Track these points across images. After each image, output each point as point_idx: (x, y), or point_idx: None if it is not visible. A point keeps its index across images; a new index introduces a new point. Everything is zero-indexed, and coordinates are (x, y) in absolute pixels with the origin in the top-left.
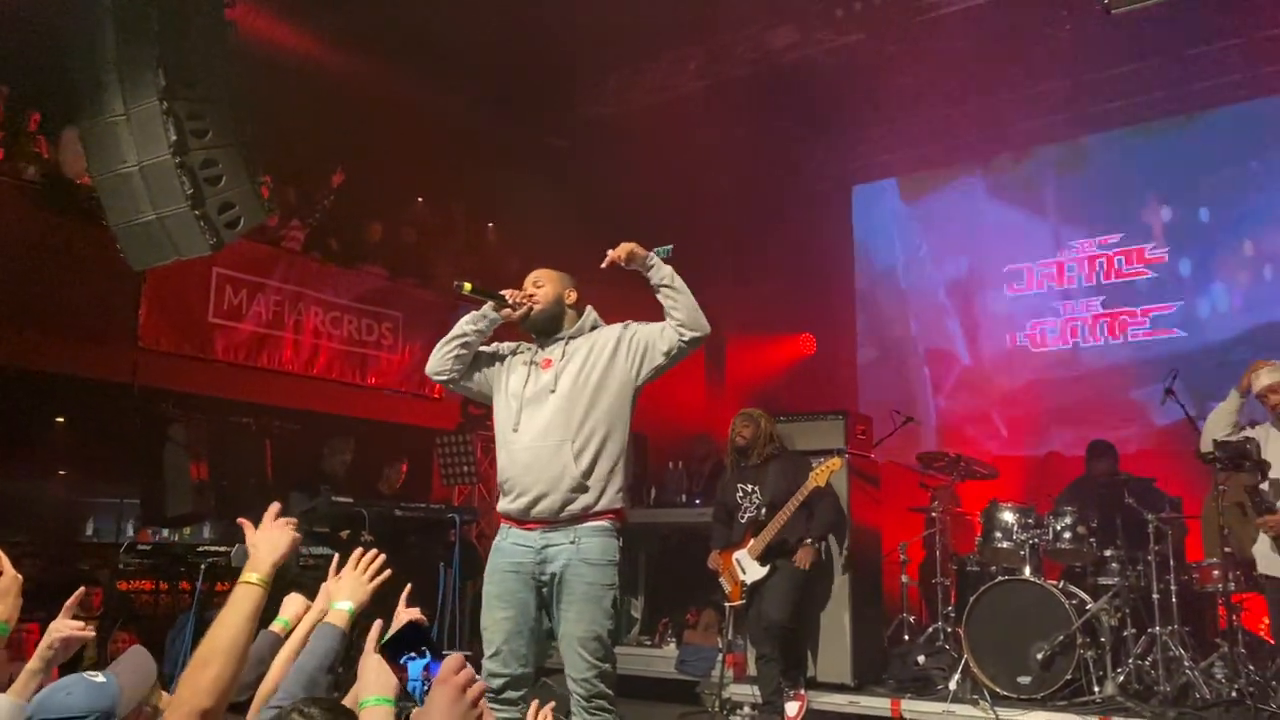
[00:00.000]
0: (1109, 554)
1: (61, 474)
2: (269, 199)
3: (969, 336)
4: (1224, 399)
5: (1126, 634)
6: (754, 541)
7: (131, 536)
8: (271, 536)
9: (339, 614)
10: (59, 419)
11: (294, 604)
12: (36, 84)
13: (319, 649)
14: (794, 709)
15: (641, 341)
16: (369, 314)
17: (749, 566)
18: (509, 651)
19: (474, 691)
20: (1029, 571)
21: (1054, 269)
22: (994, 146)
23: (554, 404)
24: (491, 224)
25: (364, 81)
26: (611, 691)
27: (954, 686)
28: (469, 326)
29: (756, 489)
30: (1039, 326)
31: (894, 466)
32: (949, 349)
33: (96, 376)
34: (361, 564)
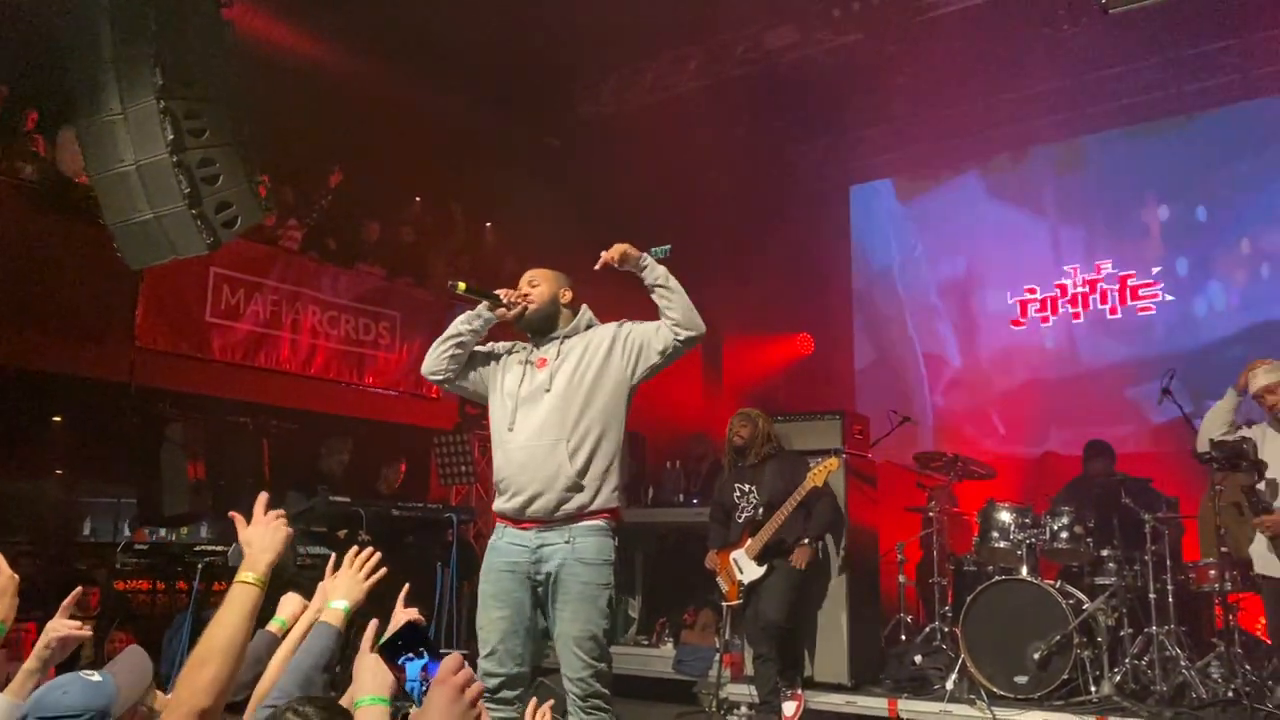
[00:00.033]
0: (1106, 554)
1: (59, 473)
2: (266, 198)
3: (966, 335)
4: (1221, 397)
5: (1123, 634)
6: (751, 541)
7: (128, 536)
8: (264, 534)
9: (334, 613)
10: (56, 418)
11: (291, 603)
12: (34, 83)
13: (314, 648)
14: (791, 709)
15: (637, 340)
16: (366, 313)
17: (746, 566)
18: (504, 651)
19: (472, 692)
20: (1026, 571)
21: (1051, 268)
22: (992, 147)
23: (549, 403)
24: (489, 224)
25: (362, 81)
26: (607, 691)
27: (951, 686)
28: (464, 326)
29: (754, 489)
30: (1036, 325)
31: (891, 466)
32: (946, 348)
33: (94, 376)
34: (357, 562)
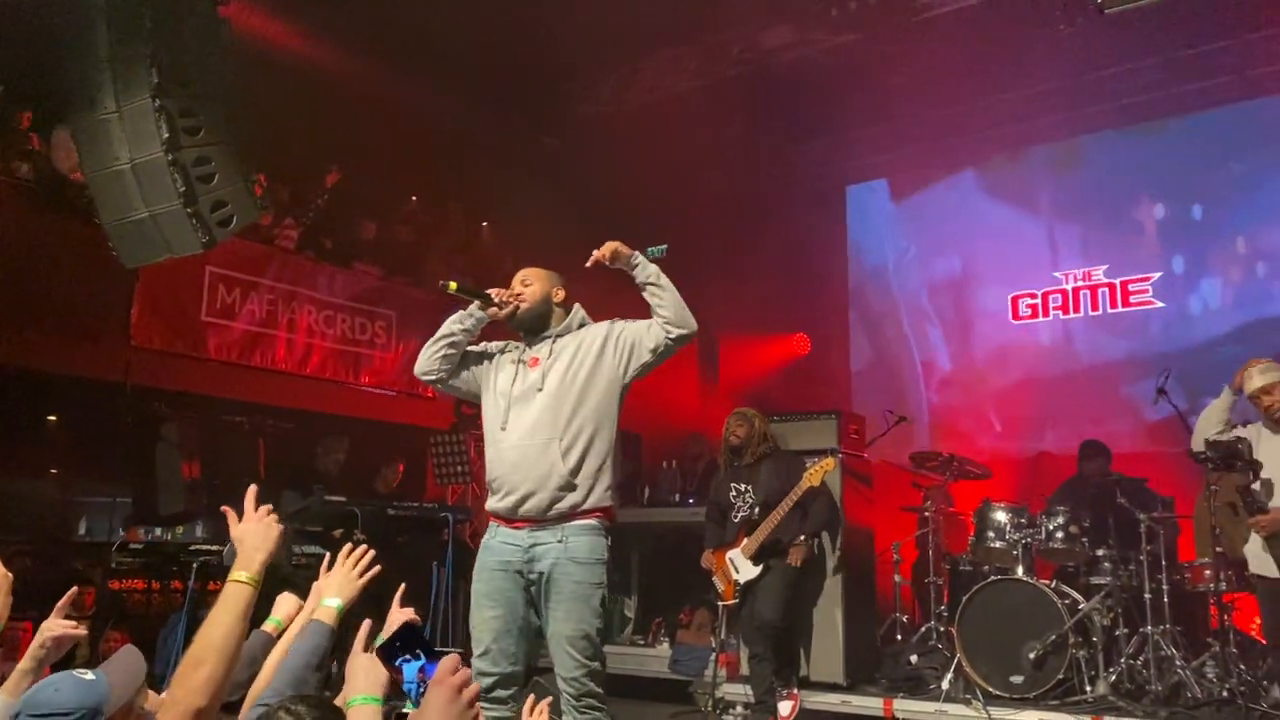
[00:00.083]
0: (1101, 554)
1: (54, 473)
2: (262, 197)
3: (962, 334)
4: (1216, 394)
5: (1118, 633)
6: (747, 541)
7: (123, 535)
8: (256, 532)
9: (327, 611)
10: (51, 417)
11: (287, 603)
12: (29, 81)
13: (306, 646)
14: (787, 708)
15: (629, 339)
16: (362, 313)
17: (742, 566)
18: (498, 650)
19: (469, 693)
20: (1021, 571)
21: (1048, 266)
22: (989, 146)
23: (541, 402)
24: (486, 223)
25: (359, 80)
26: (601, 690)
27: (946, 686)
28: (456, 326)
29: (750, 488)
30: (1032, 323)
31: (887, 466)
32: (943, 346)
33: (89, 375)
34: (350, 560)
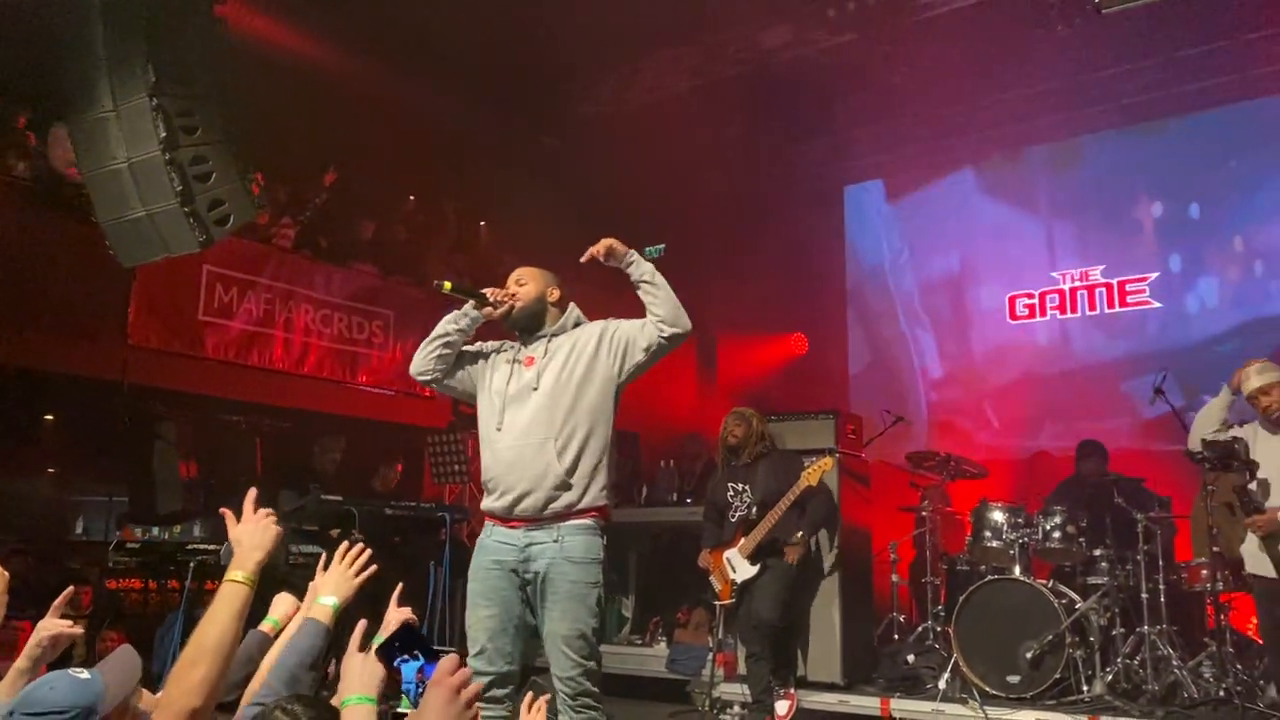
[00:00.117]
0: (1098, 554)
1: (51, 472)
2: (259, 196)
3: (960, 332)
4: (1213, 392)
5: (1115, 633)
6: (745, 540)
7: (119, 535)
8: (254, 532)
9: (322, 609)
10: (48, 417)
11: (284, 604)
12: (26, 80)
13: (301, 645)
14: (784, 708)
15: (622, 338)
16: (360, 312)
17: (739, 565)
18: (494, 650)
19: (468, 693)
20: (1018, 571)
21: (1045, 265)
22: (987, 146)
23: (537, 402)
24: (484, 223)
25: (357, 79)
26: (597, 689)
27: (943, 685)
28: (450, 326)
29: (747, 488)
30: (1030, 321)
31: (884, 466)
32: (940, 345)
33: (86, 374)
34: (347, 559)
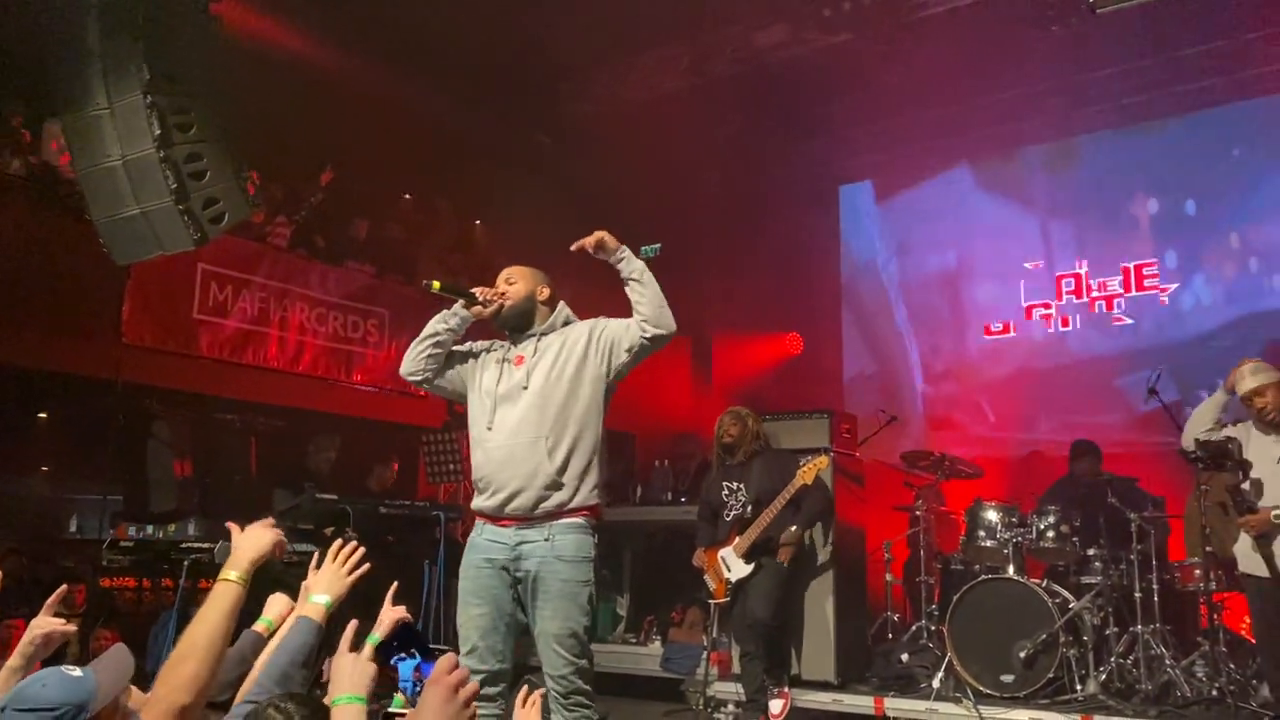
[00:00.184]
0: (1092, 553)
1: (44, 470)
2: (254, 195)
3: (957, 330)
4: (1209, 389)
5: (1109, 633)
6: (739, 539)
7: (113, 533)
8: (253, 535)
9: (315, 608)
10: (42, 415)
11: (278, 604)
12: (19, 77)
13: (293, 643)
14: (778, 707)
15: (609, 338)
16: (355, 311)
17: (734, 564)
18: (485, 648)
19: (466, 692)
20: (1012, 570)
21: (1042, 262)
22: (982, 145)
23: (527, 401)
24: (479, 221)
25: (352, 78)
26: (589, 688)
27: (937, 685)
28: (440, 325)
29: (742, 487)
30: (1026, 318)
31: (879, 465)
32: (937, 342)
33: (80, 372)
34: (340, 557)
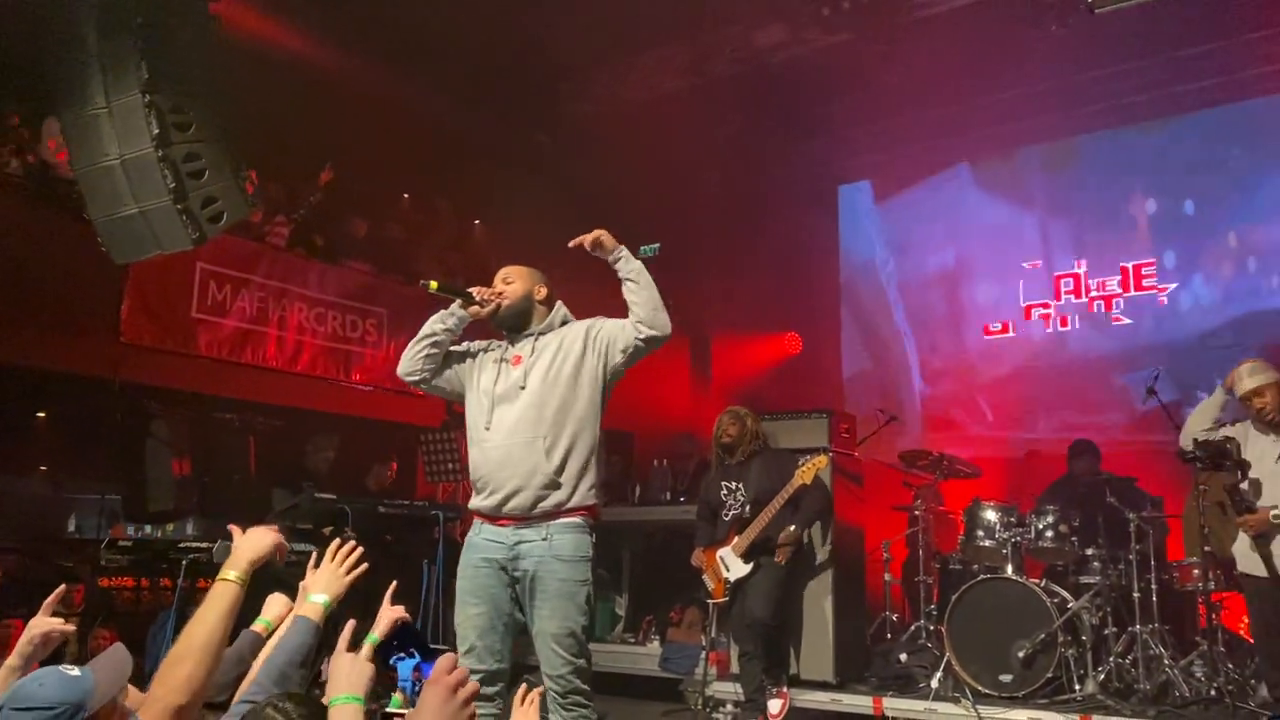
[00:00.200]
0: (1090, 553)
1: (43, 470)
2: (253, 194)
3: (955, 329)
4: (1208, 388)
5: (1107, 632)
6: (738, 539)
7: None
8: (253, 536)
9: (313, 607)
10: (40, 414)
11: (277, 604)
12: (18, 76)
13: (291, 643)
14: (776, 706)
15: (605, 338)
16: (354, 310)
17: (733, 564)
18: (483, 648)
19: (465, 692)
20: (1011, 570)
21: (1041, 261)
22: (981, 144)
23: (525, 400)
24: (478, 221)
25: (351, 78)
26: (588, 687)
27: (936, 684)
28: (438, 325)
29: (740, 486)
30: (1025, 316)
31: (877, 465)
32: (935, 342)
33: (78, 371)
34: (338, 557)
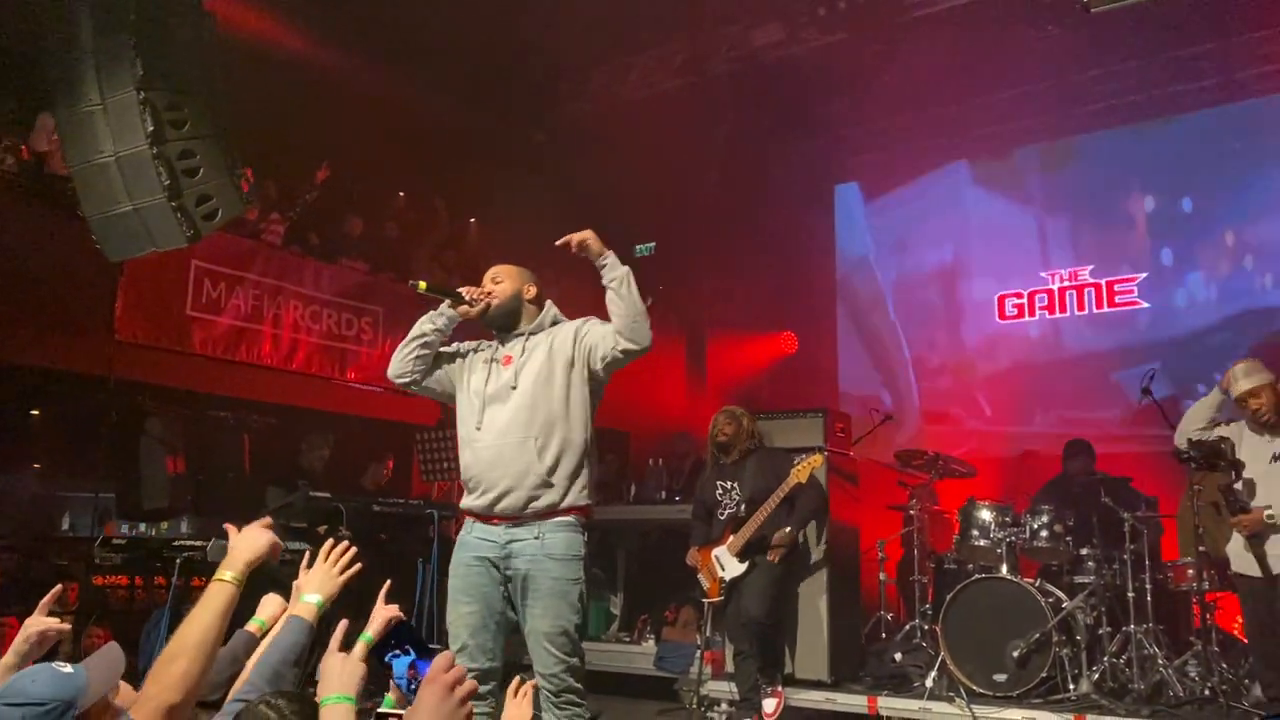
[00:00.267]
0: (1085, 553)
1: (36, 467)
2: (248, 191)
3: (952, 327)
4: (1205, 384)
5: (1102, 632)
6: (733, 538)
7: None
8: (250, 536)
9: (306, 607)
10: (34, 412)
11: (271, 604)
12: (12, 73)
13: (284, 642)
14: (771, 705)
15: (589, 343)
16: (349, 308)
17: (728, 563)
18: (475, 646)
19: (462, 690)
20: (1006, 570)
21: (1037, 259)
22: (978, 144)
23: (516, 401)
24: (473, 219)
25: (347, 76)
26: (581, 686)
27: (930, 684)
28: (428, 326)
29: (736, 485)
30: (1022, 314)
31: (873, 464)
32: (932, 339)
33: (72, 369)
34: (332, 557)
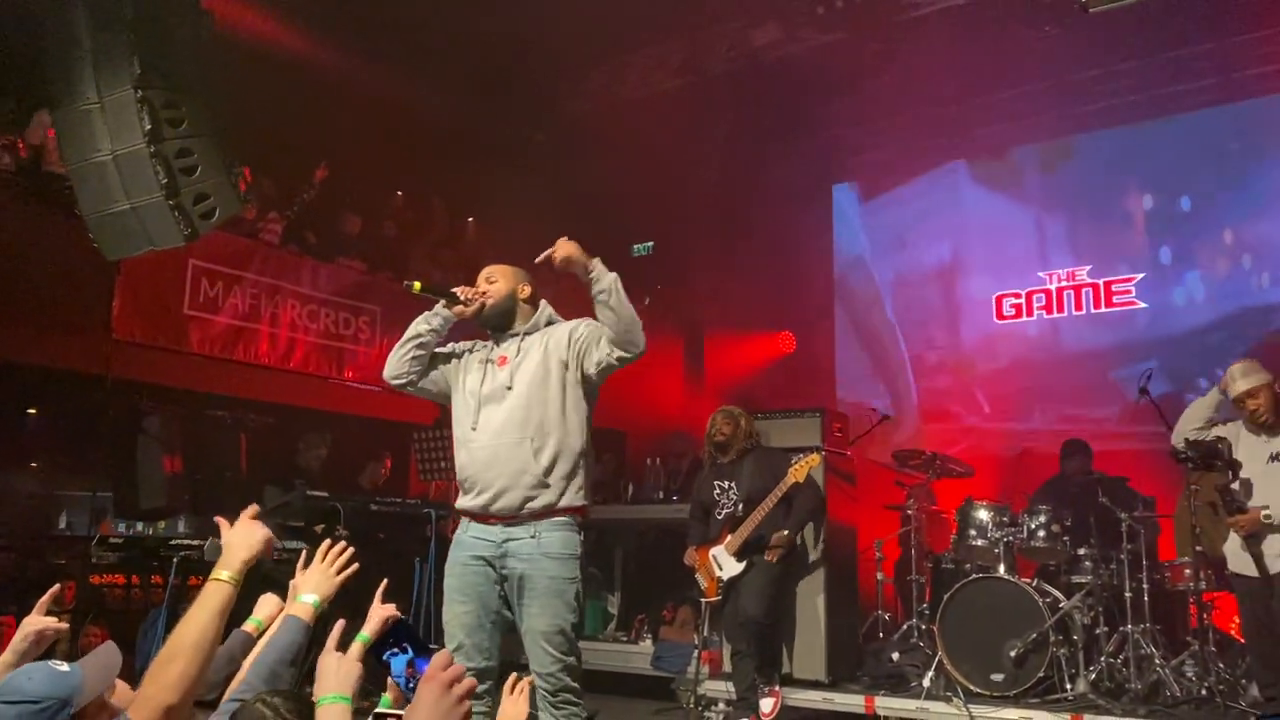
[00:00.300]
0: (1082, 552)
1: (33, 466)
2: (246, 190)
3: (950, 326)
4: (1205, 380)
5: (1099, 632)
6: (731, 538)
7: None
8: (244, 533)
9: (303, 607)
10: (31, 410)
11: (268, 604)
12: (9, 72)
13: (280, 642)
14: (769, 705)
15: (583, 346)
16: (346, 308)
17: (725, 563)
18: (471, 645)
19: (460, 688)
20: (1003, 569)
21: (1036, 258)
22: (976, 143)
23: (512, 402)
24: (471, 219)
25: (345, 75)
26: (577, 685)
27: (928, 684)
28: (423, 326)
29: (733, 485)
30: (1021, 313)
31: (870, 464)
32: (930, 339)
33: (69, 368)
34: (329, 557)
